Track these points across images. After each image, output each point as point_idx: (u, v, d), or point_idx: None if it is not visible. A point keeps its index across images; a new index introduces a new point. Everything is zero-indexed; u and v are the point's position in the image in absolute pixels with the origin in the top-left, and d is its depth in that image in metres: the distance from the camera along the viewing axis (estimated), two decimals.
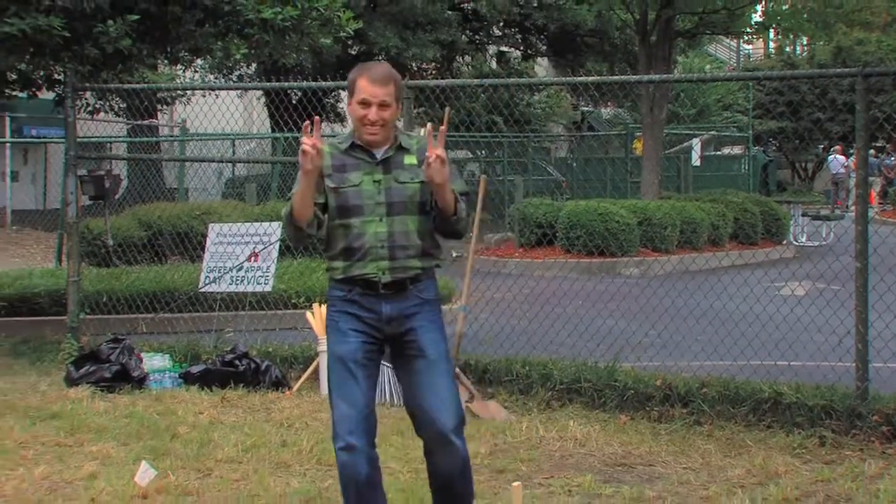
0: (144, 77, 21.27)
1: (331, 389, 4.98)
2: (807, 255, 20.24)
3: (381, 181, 4.97)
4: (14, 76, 11.25)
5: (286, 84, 20.37)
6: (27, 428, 7.64)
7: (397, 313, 4.98)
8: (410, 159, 5.03)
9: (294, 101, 24.93)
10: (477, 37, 30.59)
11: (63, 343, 10.25)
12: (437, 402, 4.91)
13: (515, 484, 4.66)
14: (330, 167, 4.99)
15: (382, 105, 4.92)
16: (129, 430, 7.64)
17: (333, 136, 5.28)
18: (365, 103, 4.91)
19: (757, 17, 26.33)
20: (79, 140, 11.14)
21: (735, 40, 39.06)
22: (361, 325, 4.97)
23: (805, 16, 23.06)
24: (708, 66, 39.70)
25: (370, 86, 4.92)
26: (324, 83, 15.35)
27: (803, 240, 24.20)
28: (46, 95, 12.49)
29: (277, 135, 24.78)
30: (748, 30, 26.50)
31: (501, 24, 30.17)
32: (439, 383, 4.94)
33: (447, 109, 9.63)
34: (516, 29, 30.79)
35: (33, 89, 11.84)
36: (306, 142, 4.76)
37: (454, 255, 17.59)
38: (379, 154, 5.01)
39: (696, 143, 29.24)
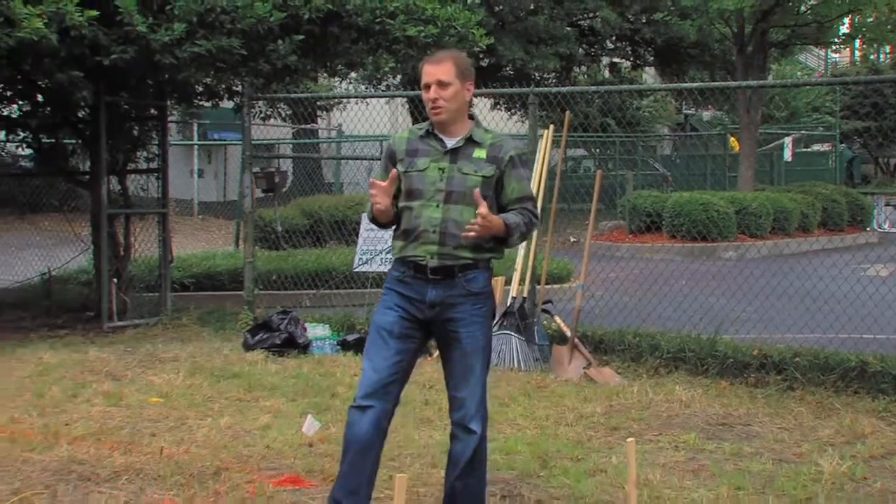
0: (307, 87, 21.57)
1: (364, 356, 4.62)
2: (890, 241, 19.72)
3: (446, 169, 4.52)
4: (201, 88, 11.49)
5: None
6: (213, 385, 7.81)
7: (441, 300, 4.52)
8: (480, 153, 4.56)
9: None
10: (592, 49, 30.36)
11: (240, 314, 10.46)
12: (465, 392, 4.53)
13: (630, 440, 4.61)
14: (404, 152, 4.60)
15: (440, 84, 4.48)
16: (297, 388, 7.75)
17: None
18: (426, 86, 4.51)
19: (844, 29, 25.70)
20: (253, 142, 11.35)
21: (823, 49, 38.05)
22: (406, 305, 4.54)
23: (889, 27, 22.42)
24: (799, 73, 38.82)
25: (427, 66, 4.54)
26: None
27: (886, 227, 23.61)
28: (226, 104, 12.73)
29: None
30: (836, 40, 25.99)
31: (614, 38, 29.92)
32: (471, 375, 4.53)
33: (567, 113, 9.63)
34: (627, 42, 30.50)
35: (216, 99, 12.08)
36: (375, 192, 4.47)
37: (572, 240, 17.51)
38: (450, 143, 4.57)
39: (788, 141, 28.67)
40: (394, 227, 4.65)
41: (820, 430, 6.73)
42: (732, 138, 29.00)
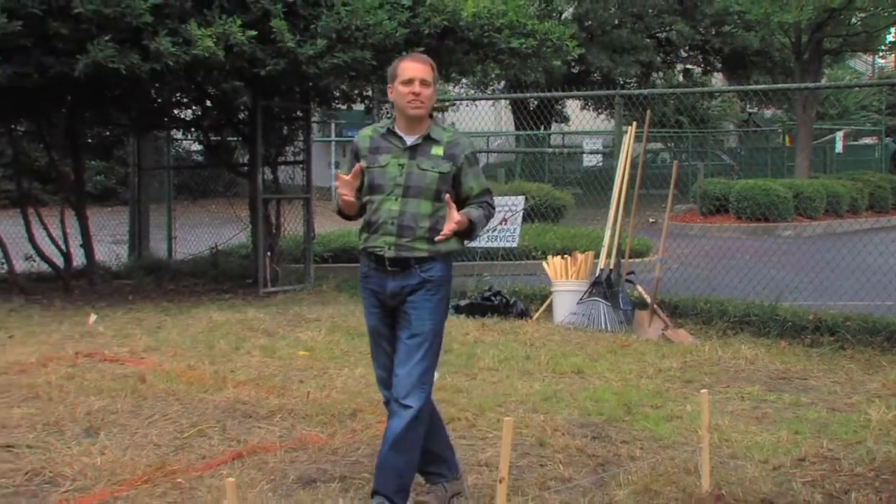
0: None
1: (371, 356, 4.29)
2: None
3: (405, 165, 4.06)
4: (338, 93, 11.59)
5: (526, 94, 20.33)
6: (349, 341, 7.86)
7: (399, 289, 4.05)
8: (438, 150, 4.09)
9: (531, 108, 24.89)
10: (668, 58, 29.88)
11: None
12: (404, 370, 3.99)
13: (703, 391, 4.55)
14: (367, 149, 4.13)
15: (423, 82, 4.04)
16: None
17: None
18: (409, 81, 4.03)
19: (891, 38, 24.86)
20: None
21: (871, 56, 36.76)
22: (376, 301, 4.13)
23: None
24: (849, 76, 37.57)
25: (412, 64, 4.09)
26: (554, 94, 15.21)
27: None
28: (358, 107, 12.83)
29: (520, 132, 24.80)
30: (883, 47, 25.24)
31: (687, 47, 29.40)
32: (413, 355, 4.00)
33: (648, 112, 9.48)
34: (698, 51, 29.94)
35: (350, 102, 12.18)
36: (339, 185, 4.05)
37: (651, 220, 17.25)
38: (409, 141, 4.10)
39: (839, 135, 27.88)
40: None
41: (868, 384, 6.54)
42: (787, 135, 28.51)
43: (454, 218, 3.97)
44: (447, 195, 4.00)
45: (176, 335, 8.08)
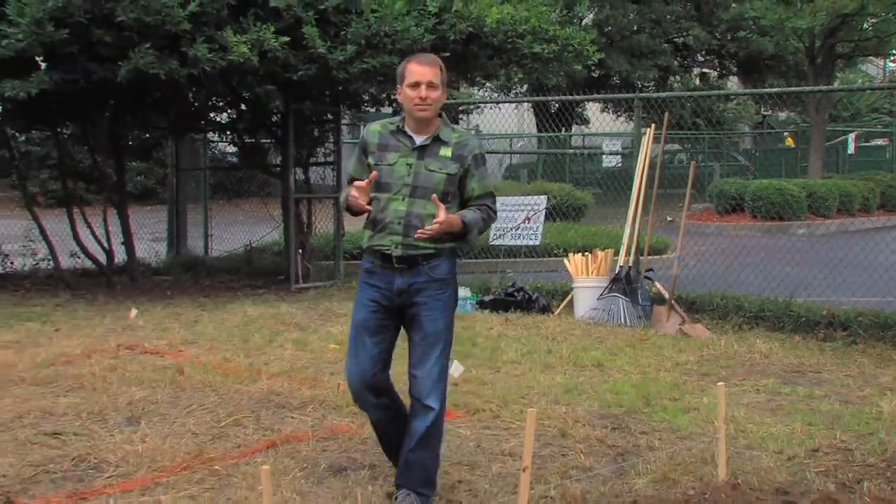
0: (451, 95, 21.59)
1: (348, 352, 4.14)
2: None
3: (413, 165, 3.94)
4: (367, 97, 11.62)
5: (548, 98, 20.30)
6: None
7: (406, 287, 3.95)
8: (446, 151, 3.97)
9: (553, 110, 24.84)
10: (685, 62, 29.73)
11: None
12: (422, 371, 3.94)
13: (719, 384, 4.52)
14: (375, 145, 4.02)
15: (430, 85, 3.90)
16: None
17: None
18: (416, 84, 3.90)
19: None
20: None
21: (882, 60, 36.41)
22: (377, 296, 4.00)
23: None
24: (860, 80, 37.26)
25: (419, 67, 3.93)
26: (575, 97, 15.16)
27: None
28: (386, 109, 12.85)
29: (542, 134, 24.76)
30: (894, 51, 25.00)
31: (703, 52, 29.24)
32: (429, 356, 3.94)
33: (666, 114, 9.44)
34: (714, 55, 29.77)
35: (379, 106, 12.20)
36: (356, 193, 3.92)
37: (668, 219, 17.18)
38: (418, 141, 3.97)
39: (851, 136, 27.62)
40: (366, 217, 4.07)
41: (880, 377, 6.48)
42: (789, 137, 28.33)
43: (439, 218, 3.89)
44: (433, 196, 3.90)
45: (212, 329, 8.12)
